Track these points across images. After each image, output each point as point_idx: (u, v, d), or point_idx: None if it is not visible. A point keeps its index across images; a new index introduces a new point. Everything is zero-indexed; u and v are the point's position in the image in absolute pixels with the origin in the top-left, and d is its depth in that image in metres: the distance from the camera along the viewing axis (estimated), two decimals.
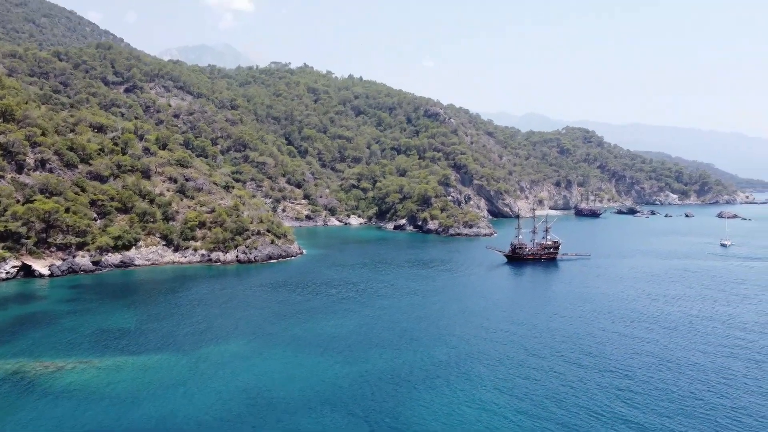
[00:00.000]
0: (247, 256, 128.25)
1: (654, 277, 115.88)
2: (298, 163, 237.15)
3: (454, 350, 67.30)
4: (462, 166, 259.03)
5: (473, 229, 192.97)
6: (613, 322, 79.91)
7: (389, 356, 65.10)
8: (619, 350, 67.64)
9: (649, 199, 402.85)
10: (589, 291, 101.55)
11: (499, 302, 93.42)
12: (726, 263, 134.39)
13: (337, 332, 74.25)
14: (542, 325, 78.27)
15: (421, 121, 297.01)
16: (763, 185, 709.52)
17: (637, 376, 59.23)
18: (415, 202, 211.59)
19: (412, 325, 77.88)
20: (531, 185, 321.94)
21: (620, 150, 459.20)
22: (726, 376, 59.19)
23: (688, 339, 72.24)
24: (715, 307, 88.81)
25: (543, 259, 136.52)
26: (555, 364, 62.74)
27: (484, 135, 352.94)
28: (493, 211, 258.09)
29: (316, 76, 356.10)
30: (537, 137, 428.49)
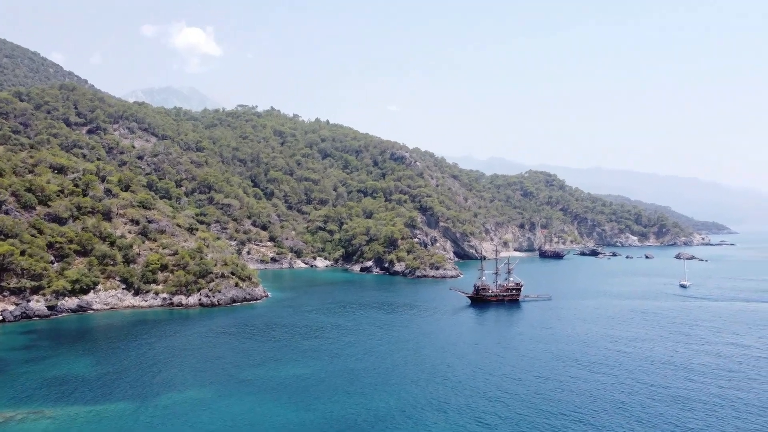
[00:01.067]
0: (211, 299, 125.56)
1: (615, 318, 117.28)
2: (264, 205, 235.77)
3: (413, 398, 66.28)
4: (428, 208, 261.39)
5: (440, 271, 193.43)
6: (571, 366, 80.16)
7: (351, 403, 63.86)
8: (576, 394, 67.69)
9: (611, 241, 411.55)
10: (551, 333, 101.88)
11: (461, 346, 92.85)
12: (685, 303, 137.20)
13: (300, 378, 72.68)
14: (501, 370, 78.02)
15: (388, 164, 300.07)
16: (717, 227, 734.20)
17: (590, 421, 59.23)
18: (382, 244, 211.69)
19: (375, 370, 76.66)
20: (496, 227, 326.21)
21: (581, 193, 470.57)
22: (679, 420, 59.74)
23: (643, 383, 72.80)
24: (674, 349, 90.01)
25: (506, 301, 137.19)
26: (511, 412, 62.35)
27: (450, 178, 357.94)
28: (459, 252, 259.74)
29: (282, 119, 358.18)
30: (501, 180, 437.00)
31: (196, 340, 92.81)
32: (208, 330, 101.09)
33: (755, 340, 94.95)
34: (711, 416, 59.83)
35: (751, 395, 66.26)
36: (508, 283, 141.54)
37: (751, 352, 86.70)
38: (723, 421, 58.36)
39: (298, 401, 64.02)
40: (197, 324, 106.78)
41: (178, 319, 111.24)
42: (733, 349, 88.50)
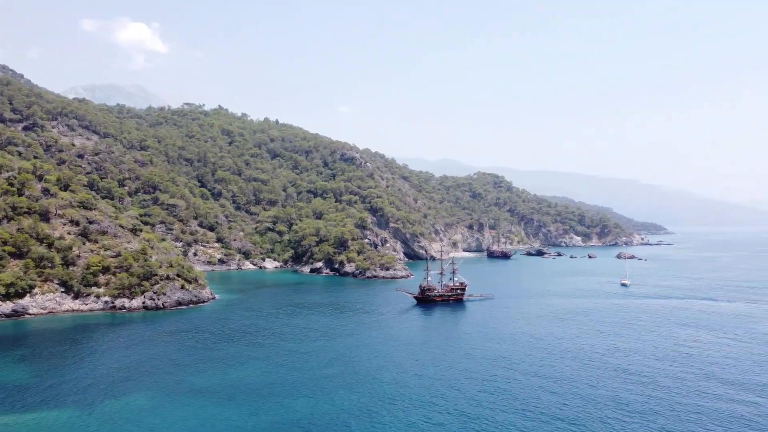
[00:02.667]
0: (155, 302, 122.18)
1: (557, 316, 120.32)
2: (211, 206, 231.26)
3: (360, 396, 66.42)
4: (378, 209, 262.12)
5: (390, 272, 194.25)
6: (511, 364, 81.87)
7: (298, 406, 63.31)
8: (517, 393, 69.16)
9: (555, 241, 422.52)
10: (492, 332, 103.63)
11: (405, 347, 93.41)
12: (626, 302, 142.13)
13: (248, 381, 71.65)
14: (442, 372, 78.96)
15: (338, 164, 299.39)
16: (655, 228, 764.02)
17: (533, 419, 60.67)
18: (332, 245, 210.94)
19: (321, 371, 76.22)
20: (445, 228, 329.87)
21: (528, 195, 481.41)
22: (618, 406, 61.85)
23: (581, 382, 75.01)
24: (614, 346, 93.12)
25: (451, 301, 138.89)
26: (449, 413, 63.23)
27: (400, 179, 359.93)
28: (409, 253, 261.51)
29: (230, 119, 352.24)
30: (450, 182, 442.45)
31: (140, 345, 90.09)
32: (153, 334, 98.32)
33: (688, 336, 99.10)
34: (645, 412, 62.05)
35: (683, 388, 69.10)
36: (452, 284, 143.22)
37: (682, 349, 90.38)
38: (656, 416, 60.60)
39: (245, 406, 63.04)
40: (141, 328, 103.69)
41: (121, 323, 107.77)
42: (670, 344, 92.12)
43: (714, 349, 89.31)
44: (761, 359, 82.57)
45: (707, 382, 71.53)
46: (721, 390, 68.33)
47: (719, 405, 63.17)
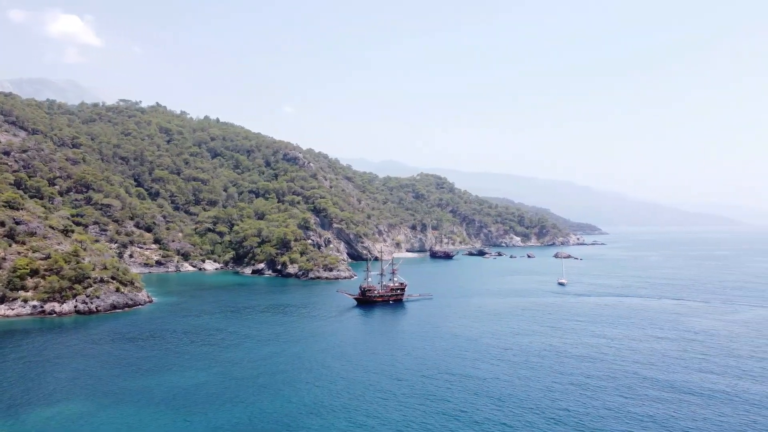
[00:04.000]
0: (88, 306, 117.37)
1: (497, 315, 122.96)
2: (149, 206, 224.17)
3: (295, 403, 65.94)
4: (321, 209, 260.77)
5: (333, 273, 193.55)
6: (450, 363, 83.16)
7: (236, 411, 62.24)
8: (455, 391, 70.32)
9: (496, 242, 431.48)
10: (432, 331, 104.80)
11: (343, 348, 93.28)
12: (562, 300, 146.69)
13: (185, 387, 69.85)
14: (380, 370, 79.44)
15: (280, 164, 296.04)
16: (590, 228, 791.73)
17: (469, 417, 61.83)
18: (275, 245, 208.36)
19: (257, 376, 75.08)
20: (389, 228, 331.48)
21: (470, 196, 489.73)
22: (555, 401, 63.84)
23: (521, 377, 77.00)
24: (549, 343, 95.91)
25: (391, 301, 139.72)
26: (390, 411, 63.70)
27: (343, 180, 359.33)
28: (352, 254, 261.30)
29: (169, 116, 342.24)
30: (394, 183, 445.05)
31: (71, 350, 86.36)
32: (85, 338, 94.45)
33: (619, 332, 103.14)
34: (580, 403, 64.22)
35: (612, 382, 71.90)
36: (392, 284, 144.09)
37: (613, 344, 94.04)
38: (590, 406, 62.80)
39: (181, 411, 61.48)
40: (73, 332, 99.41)
41: (51, 328, 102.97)
42: (602, 341, 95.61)
43: (643, 344, 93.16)
44: (687, 354, 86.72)
45: (635, 378, 74.50)
46: (648, 387, 71.30)
47: (645, 401, 65.92)
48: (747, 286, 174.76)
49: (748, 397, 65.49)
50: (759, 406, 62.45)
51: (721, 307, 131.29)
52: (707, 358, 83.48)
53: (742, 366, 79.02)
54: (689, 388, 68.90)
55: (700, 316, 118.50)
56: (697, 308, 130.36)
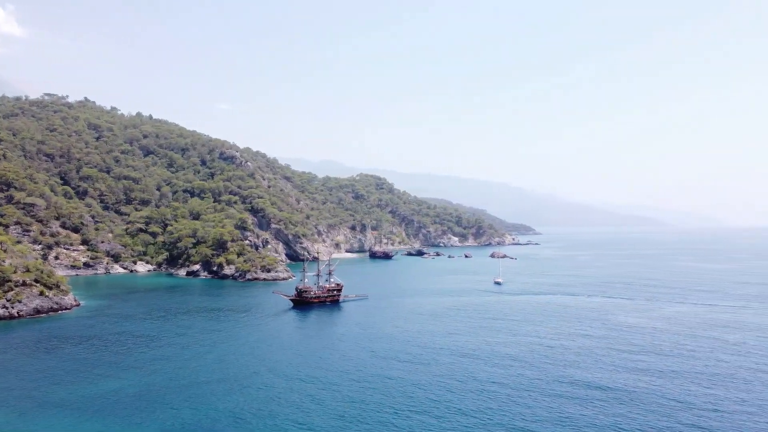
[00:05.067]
0: (9, 311, 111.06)
1: (434, 314, 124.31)
2: (76, 206, 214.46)
3: (229, 404, 64.77)
4: (259, 209, 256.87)
5: (271, 274, 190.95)
6: (383, 364, 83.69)
7: (165, 418, 60.27)
8: (389, 394, 70.79)
9: (435, 242, 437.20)
10: (367, 332, 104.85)
11: (278, 349, 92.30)
12: (498, 298, 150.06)
13: (114, 394, 67.12)
14: (315, 374, 79.12)
15: (217, 163, 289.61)
16: (525, 229, 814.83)
17: (400, 422, 62.39)
18: (210, 246, 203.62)
19: (191, 379, 73.08)
20: (328, 229, 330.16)
21: (409, 196, 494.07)
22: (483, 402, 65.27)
23: (456, 378, 78.30)
24: (484, 341, 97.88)
25: (328, 302, 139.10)
26: (322, 417, 63.56)
27: (282, 179, 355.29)
28: (291, 254, 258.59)
29: (98, 112, 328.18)
30: (333, 183, 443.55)
31: None
32: (6, 345, 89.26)
33: (551, 330, 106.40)
34: (511, 402, 65.83)
35: (542, 381, 74.14)
36: (329, 285, 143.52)
37: (544, 341, 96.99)
38: (521, 406, 64.49)
39: (112, 419, 59.02)
40: None
41: None
42: (534, 339, 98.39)
43: (573, 340, 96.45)
44: (614, 349, 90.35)
45: (564, 375, 76.96)
46: (576, 383, 73.86)
47: (573, 396, 68.26)
48: (669, 283, 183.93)
49: (668, 393, 68.72)
50: (681, 403, 65.57)
51: (645, 304, 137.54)
52: (632, 354, 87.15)
53: (664, 362, 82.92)
54: (613, 386, 71.61)
55: (627, 313, 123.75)
56: (624, 305, 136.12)
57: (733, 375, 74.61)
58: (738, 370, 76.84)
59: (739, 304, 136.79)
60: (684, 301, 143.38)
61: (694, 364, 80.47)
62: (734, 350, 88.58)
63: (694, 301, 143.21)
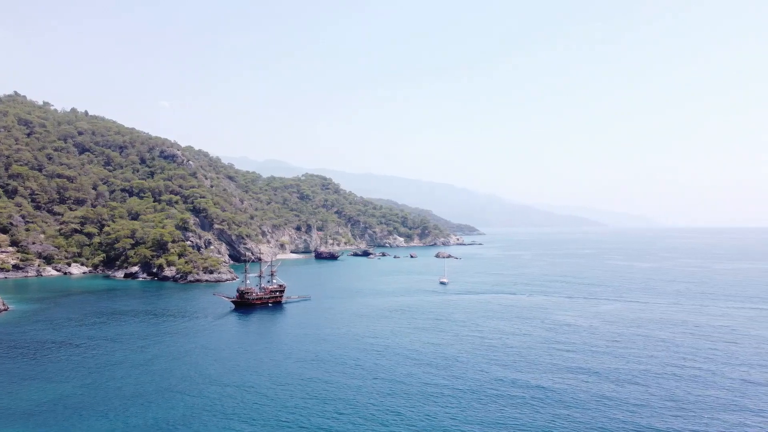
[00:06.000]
0: None
1: (379, 315, 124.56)
2: (5, 205, 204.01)
3: (167, 412, 63.02)
4: (202, 209, 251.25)
5: (214, 275, 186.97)
6: (326, 367, 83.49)
7: (99, 425, 58.16)
8: (332, 398, 70.70)
9: (381, 242, 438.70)
10: (308, 333, 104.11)
11: (217, 353, 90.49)
12: (443, 298, 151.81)
13: (44, 401, 64.16)
14: (253, 379, 78.19)
15: (157, 162, 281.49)
16: (469, 229, 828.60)
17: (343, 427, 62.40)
18: (150, 247, 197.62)
19: (124, 386, 70.66)
20: (273, 229, 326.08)
21: (355, 197, 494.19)
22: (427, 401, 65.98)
23: (399, 381, 78.82)
24: (428, 339, 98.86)
25: (270, 303, 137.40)
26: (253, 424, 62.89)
27: (225, 179, 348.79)
28: (234, 255, 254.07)
29: (30, 107, 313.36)
30: (278, 183, 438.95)
31: None
32: None
33: (493, 328, 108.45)
34: (451, 405, 66.69)
35: (485, 379, 75.50)
36: (271, 286, 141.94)
37: (486, 340, 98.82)
38: (461, 408, 65.43)
39: (40, 428, 56.30)
40: None
41: None
42: (476, 337, 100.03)
43: (515, 339, 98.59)
44: (554, 349, 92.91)
45: (505, 373, 78.68)
46: (516, 383, 75.51)
47: (513, 396, 69.80)
48: (606, 282, 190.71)
49: (603, 391, 71.10)
50: (615, 401, 67.95)
51: (583, 303, 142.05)
52: (570, 353, 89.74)
53: (599, 360, 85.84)
54: (552, 386, 73.54)
55: (566, 312, 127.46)
56: (563, 303, 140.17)
57: (662, 372, 77.72)
58: (666, 367, 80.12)
59: (668, 301, 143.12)
60: (619, 298, 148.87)
61: (628, 361, 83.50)
62: (663, 346, 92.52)
63: (629, 298, 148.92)
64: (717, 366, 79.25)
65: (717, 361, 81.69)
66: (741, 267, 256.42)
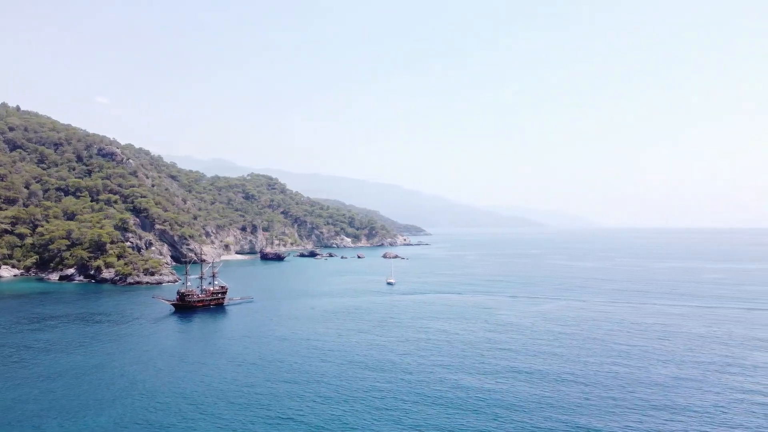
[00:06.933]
0: None
1: (325, 316, 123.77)
2: None
3: (99, 420, 60.87)
4: (142, 209, 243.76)
5: (155, 277, 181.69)
6: (270, 371, 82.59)
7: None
8: (275, 395, 70.02)
9: (328, 243, 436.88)
10: (258, 335, 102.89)
11: (155, 358, 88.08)
12: (390, 298, 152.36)
13: None
14: (191, 387, 76.63)
15: (95, 160, 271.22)
16: (416, 230, 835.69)
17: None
18: (87, 248, 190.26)
19: (52, 396, 67.55)
20: (217, 230, 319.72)
21: (301, 197, 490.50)
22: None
23: (339, 386, 78.62)
24: (374, 340, 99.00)
25: (212, 306, 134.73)
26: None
27: (167, 178, 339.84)
28: (177, 257, 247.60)
29: None
30: (223, 182, 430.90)
31: None
32: None
33: (438, 327, 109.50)
34: (391, 409, 66.92)
35: (428, 380, 76.14)
36: (213, 288, 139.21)
37: (432, 339, 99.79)
38: (401, 411, 65.76)
39: None
40: None
41: None
42: (421, 336, 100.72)
43: (458, 339, 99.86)
44: (496, 346, 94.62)
45: (447, 375, 79.56)
46: (459, 386, 76.49)
47: (456, 398, 70.67)
48: (547, 281, 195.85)
49: (543, 392, 72.89)
50: (555, 401, 69.72)
51: (526, 302, 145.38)
52: (512, 354, 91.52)
53: (540, 359, 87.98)
54: (495, 387, 74.85)
55: (509, 311, 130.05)
56: (506, 303, 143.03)
57: (600, 371, 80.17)
58: (604, 365, 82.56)
59: (607, 300, 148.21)
60: (560, 297, 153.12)
61: (567, 360, 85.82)
62: (601, 344, 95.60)
63: (569, 297, 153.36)
64: (651, 363, 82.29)
65: (651, 359, 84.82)
66: (675, 266, 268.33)
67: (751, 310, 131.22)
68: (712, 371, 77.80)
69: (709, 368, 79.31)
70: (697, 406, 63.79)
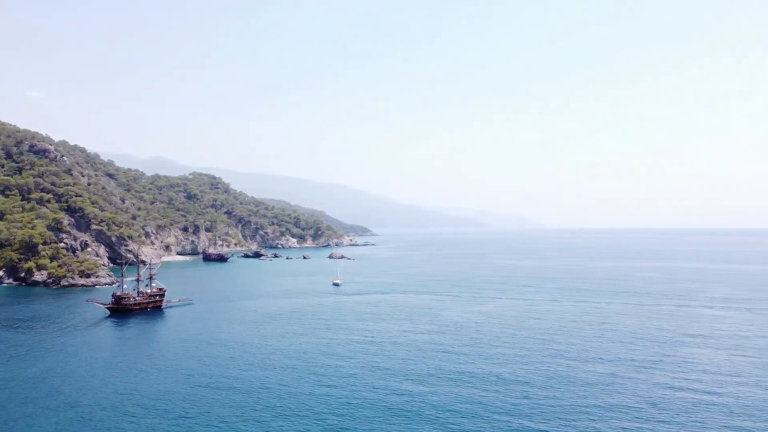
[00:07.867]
0: None
1: (268, 318, 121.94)
2: None
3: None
4: (78, 209, 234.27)
5: (91, 279, 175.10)
6: (213, 376, 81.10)
7: None
8: (216, 409, 68.78)
9: (273, 243, 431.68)
10: (197, 338, 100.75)
11: (87, 366, 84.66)
12: (336, 299, 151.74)
13: None
14: (126, 397, 74.43)
15: (26, 157, 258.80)
16: (362, 230, 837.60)
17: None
18: (17, 250, 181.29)
19: None
20: (157, 230, 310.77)
21: (246, 197, 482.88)
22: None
23: (279, 394, 77.90)
24: (319, 341, 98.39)
25: (149, 308, 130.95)
26: None
27: (104, 177, 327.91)
28: (115, 258, 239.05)
29: None
30: (163, 181, 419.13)
31: None
32: None
33: (383, 327, 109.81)
34: (334, 413, 66.72)
35: (365, 384, 76.24)
36: (150, 290, 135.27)
37: (376, 339, 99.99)
38: (343, 417, 65.66)
39: None
40: None
41: None
42: (366, 337, 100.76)
43: (403, 340, 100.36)
44: (439, 347, 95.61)
45: (390, 380, 79.87)
46: (398, 385, 76.93)
47: (398, 402, 70.98)
48: (492, 280, 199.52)
49: (484, 393, 74.12)
50: (496, 402, 70.96)
51: (470, 301, 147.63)
52: (456, 356, 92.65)
53: (483, 359, 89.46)
54: (434, 389, 75.66)
55: (453, 310, 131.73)
56: (451, 302, 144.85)
57: (540, 369, 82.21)
58: (544, 364, 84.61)
59: (548, 298, 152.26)
60: (503, 296, 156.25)
61: (508, 359, 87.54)
62: (542, 343, 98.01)
63: (512, 296, 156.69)
64: (589, 362, 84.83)
65: (588, 358, 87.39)
66: (613, 265, 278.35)
67: (680, 307, 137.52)
68: (645, 367, 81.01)
69: (643, 364, 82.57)
70: (631, 402, 66.24)
